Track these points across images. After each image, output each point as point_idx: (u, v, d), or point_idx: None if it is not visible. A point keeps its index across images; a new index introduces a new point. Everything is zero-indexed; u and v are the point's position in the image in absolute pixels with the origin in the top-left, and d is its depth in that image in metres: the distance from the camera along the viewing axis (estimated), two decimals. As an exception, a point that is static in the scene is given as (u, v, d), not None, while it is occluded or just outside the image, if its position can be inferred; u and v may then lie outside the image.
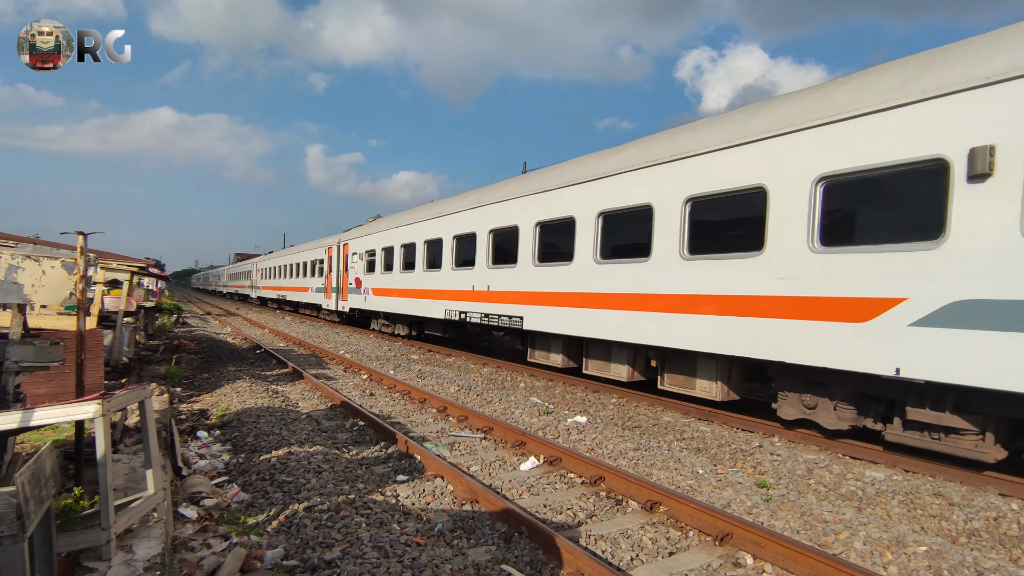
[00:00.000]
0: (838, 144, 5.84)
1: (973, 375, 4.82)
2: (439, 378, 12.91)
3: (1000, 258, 4.68)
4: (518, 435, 7.83)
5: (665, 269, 8.17)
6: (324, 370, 14.29)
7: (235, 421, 8.64)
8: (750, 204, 6.80)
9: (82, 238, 4.64)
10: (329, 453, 6.96)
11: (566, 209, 10.27)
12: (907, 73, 5.52)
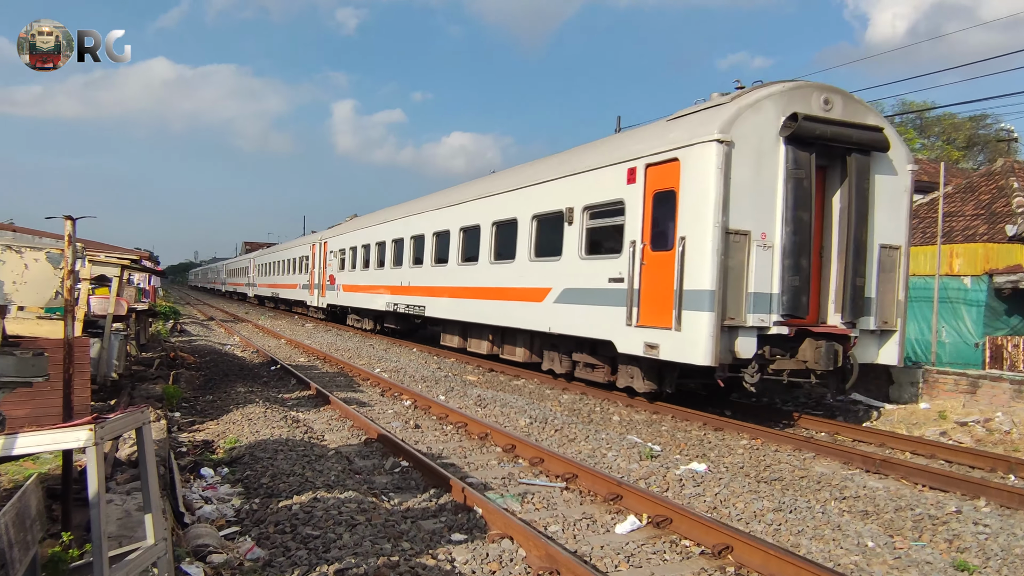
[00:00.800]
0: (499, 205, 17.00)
1: (570, 328, 13.39)
2: (505, 406, 13.06)
3: (575, 267, 13.19)
4: (612, 485, 7.81)
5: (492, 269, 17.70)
6: (356, 393, 14.78)
7: (247, 456, 9.09)
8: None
9: (70, 224, 5.02)
10: (365, 501, 7.20)
11: (447, 224, 20.32)
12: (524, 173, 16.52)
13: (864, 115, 11.94)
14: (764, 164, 11.15)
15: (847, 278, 11.62)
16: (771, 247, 11.14)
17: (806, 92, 11.60)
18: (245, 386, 15.14)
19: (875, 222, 12.00)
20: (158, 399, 12.27)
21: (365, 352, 22.73)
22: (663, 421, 12.50)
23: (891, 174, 12.23)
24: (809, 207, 11.18)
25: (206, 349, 23.22)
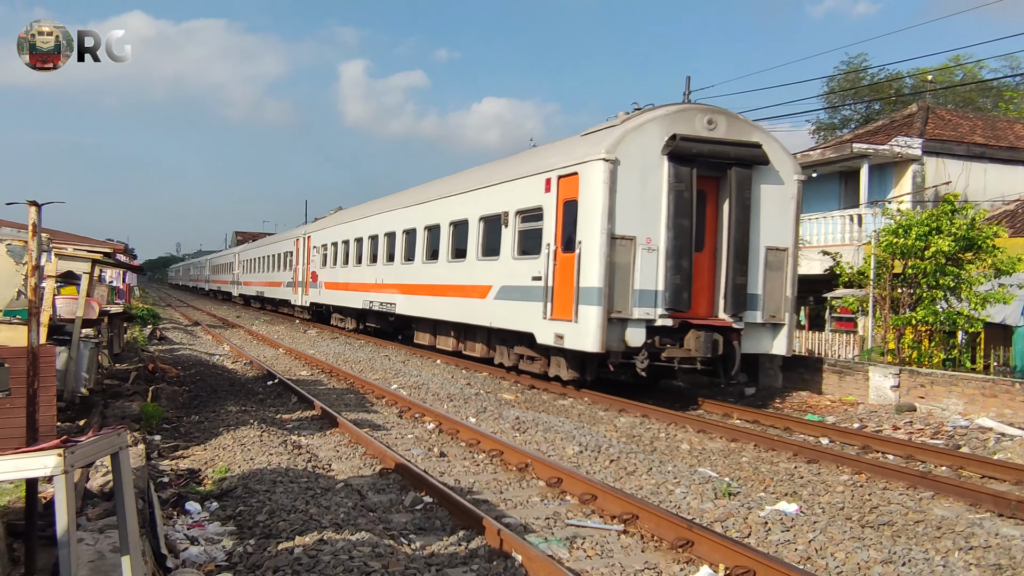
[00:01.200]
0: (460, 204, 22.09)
1: (505, 322, 17.82)
2: (549, 431, 13.05)
3: (510, 266, 17.64)
4: (681, 529, 7.74)
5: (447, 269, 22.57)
6: (369, 414, 14.91)
7: (240, 488, 9.21)
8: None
9: (35, 210, 5.12)
10: (380, 544, 7.24)
11: (414, 222, 24.50)
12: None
13: (748, 132, 15.80)
14: (649, 178, 15.07)
15: (729, 277, 15.58)
16: (655, 250, 15.04)
17: (690, 114, 15.60)
18: (237, 404, 15.37)
19: (761, 227, 15.83)
20: (135, 419, 12.51)
21: (380, 364, 22.91)
22: (743, 451, 12.40)
23: (778, 184, 16.12)
24: (690, 215, 15.04)
25: (191, 360, 23.64)
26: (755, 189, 15.86)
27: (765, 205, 16.02)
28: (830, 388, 18.20)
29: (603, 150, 15.05)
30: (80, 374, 12.64)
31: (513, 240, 18.42)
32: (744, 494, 9.55)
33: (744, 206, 15.66)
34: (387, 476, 10.21)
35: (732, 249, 15.66)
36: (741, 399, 18.26)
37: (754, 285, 15.96)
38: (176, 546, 7.30)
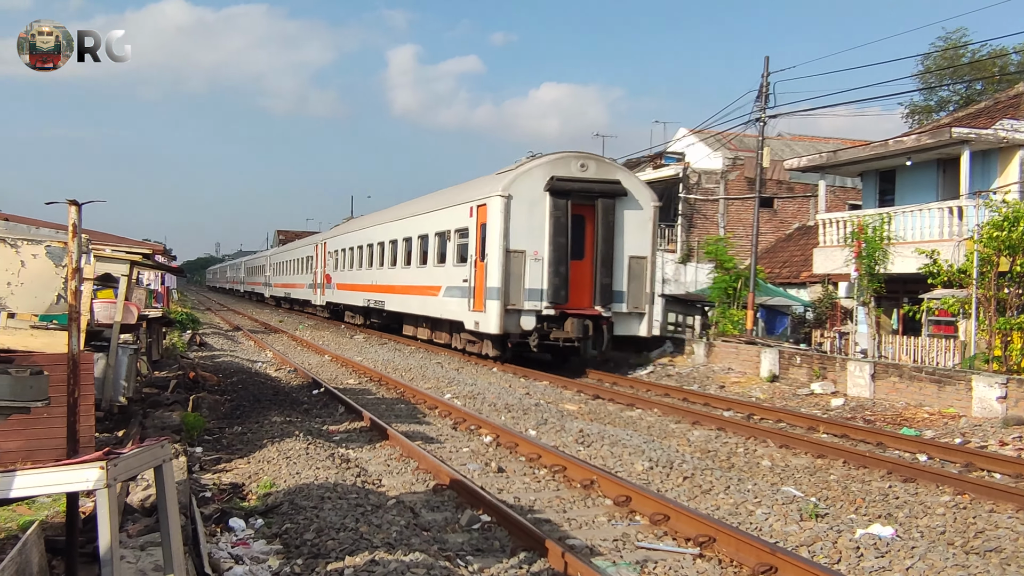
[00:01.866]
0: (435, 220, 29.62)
1: (448, 314, 26.52)
2: (615, 444, 13.00)
3: (451, 271, 26.02)
4: (763, 553, 7.64)
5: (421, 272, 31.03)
6: (421, 425, 15.01)
7: (286, 504, 9.35)
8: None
9: (75, 210, 5.27)
10: (436, 566, 7.28)
11: (395, 234, 33.10)
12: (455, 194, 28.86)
13: (611, 172, 23.80)
14: (535, 208, 22.55)
15: (599, 279, 22.87)
16: (541, 260, 22.36)
17: (568, 159, 23.30)
18: (282, 415, 15.60)
19: (625, 241, 23.18)
20: (175, 430, 12.78)
21: (431, 372, 23.07)
22: (831, 468, 12.19)
23: (637, 209, 23.45)
24: (566, 234, 22.47)
25: (232, 367, 24.09)
26: (618, 214, 23.28)
27: (627, 225, 23.41)
28: (928, 399, 17.80)
29: (500, 188, 23.08)
30: (119, 382, 12.95)
31: (453, 252, 26.67)
32: (833, 516, 9.39)
33: (609, 226, 23.10)
34: (441, 492, 10.26)
35: (600, 258, 23.10)
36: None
37: (619, 284, 23.48)
38: (220, 565, 7.43)
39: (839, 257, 25.06)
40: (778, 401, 19.63)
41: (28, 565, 3.69)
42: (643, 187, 24.35)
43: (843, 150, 28.10)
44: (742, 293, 28.26)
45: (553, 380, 21.86)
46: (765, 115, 28.28)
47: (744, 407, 17.95)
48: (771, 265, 34.55)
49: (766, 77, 28.10)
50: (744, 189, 37.35)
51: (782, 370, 22.31)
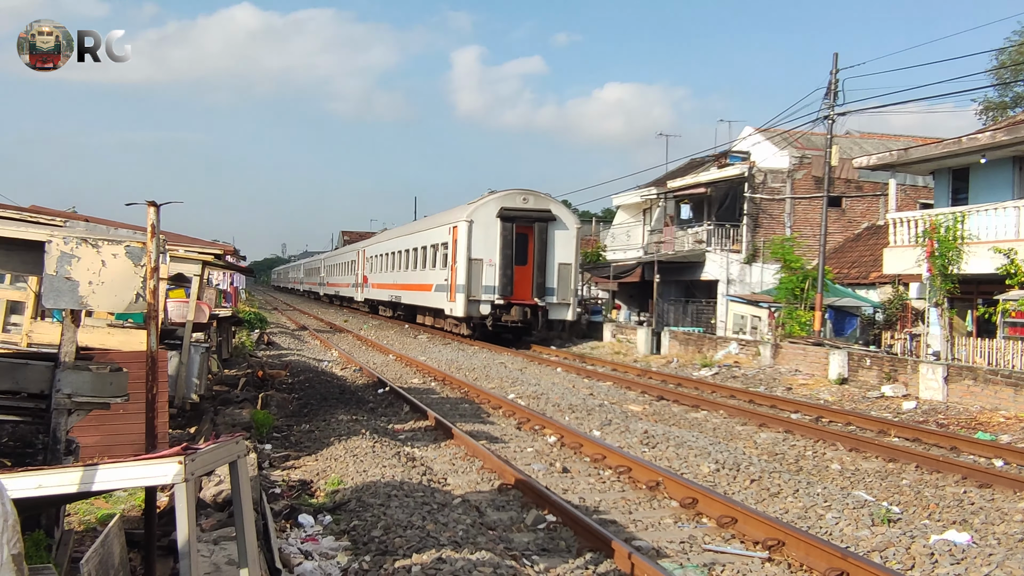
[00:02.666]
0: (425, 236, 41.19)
1: (436, 304, 36.89)
2: (681, 446, 12.91)
3: (438, 273, 36.72)
4: (834, 558, 7.52)
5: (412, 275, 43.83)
6: (485, 425, 15.07)
7: (353, 502, 9.47)
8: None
9: (154, 211, 5.41)
10: (502, 565, 7.30)
11: (407, 245, 44.21)
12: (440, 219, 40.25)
13: (546, 204, 33.17)
14: (490, 229, 32.23)
15: (535, 278, 32.19)
16: (493, 265, 31.83)
17: (514, 195, 33.09)
18: (348, 413, 15.79)
19: (556, 252, 32.58)
20: (245, 427, 13.00)
21: (495, 372, 23.15)
22: (903, 472, 11.94)
23: (564, 230, 32.89)
24: (511, 248, 32.10)
25: (299, 366, 24.44)
26: (550, 233, 32.91)
27: (557, 241, 33.03)
28: (1004, 403, 17.32)
29: (465, 216, 33.15)
30: (191, 380, 13.23)
31: (439, 259, 36.04)
32: (906, 521, 9.22)
33: (543, 242, 32.80)
34: (506, 492, 10.30)
35: (537, 264, 32.71)
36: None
37: (551, 283, 32.89)
38: (290, 560, 7.55)
39: (910, 257, 24.51)
40: (847, 404, 19.28)
41: (110, 557, 3.80)
42: (569, 214, 35.01)
43: (914, 148, 27.45)
44: (809, 294, 27.83)
45: (616, 381, 21.77)
46: (833, 113, 27.79)
47: (812, 409, 17.67)
48: (839, 265, 33.92)
49: (835, 74, 27.62)
50: (811, 188, 36.74)
51: (851, 372, 21.90)
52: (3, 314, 12.92)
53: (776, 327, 28.95)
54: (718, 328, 35.03)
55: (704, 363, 26.30)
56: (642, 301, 43.35)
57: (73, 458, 5.92)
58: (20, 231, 5.36)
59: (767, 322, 31.01)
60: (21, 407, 5.89)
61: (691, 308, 39.31)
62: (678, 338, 30.93)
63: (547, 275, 32.69)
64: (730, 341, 28.50)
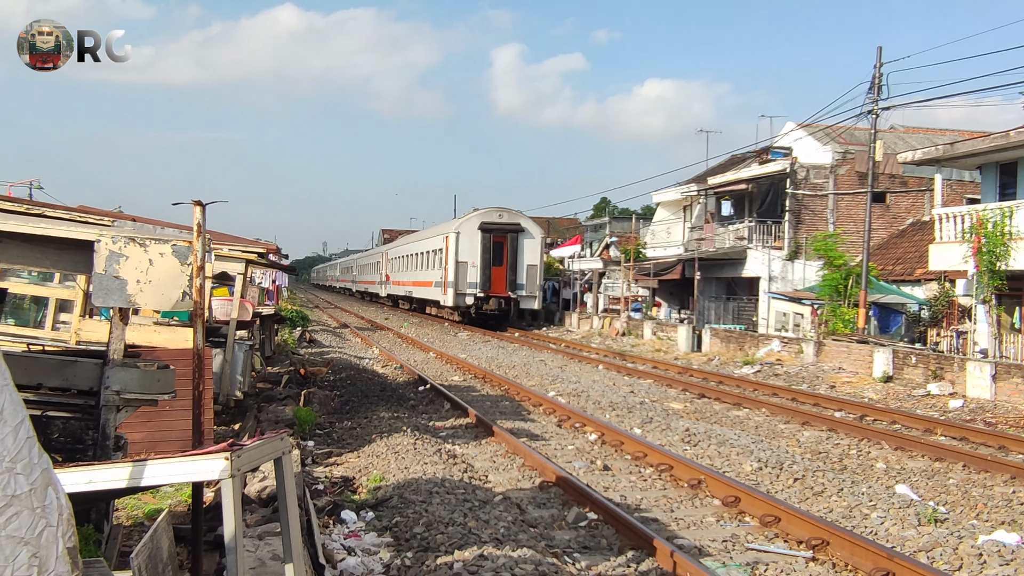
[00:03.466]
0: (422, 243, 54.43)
1: (434, 296, 46.93)
2: (723, 444, 12.84)
3: (436, 272, 46.23)
4: (879, 558, 7.43)
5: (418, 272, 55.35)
6: (525, 422, 15.09)
7: (395, 498, 9.53)
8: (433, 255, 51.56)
9: (200, 210, 5.49)
10: (543, 563, 7.31)
11: (415, 249, 55.65)
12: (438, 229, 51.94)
13: (517, 219, 43.21)
14: (473, 239, 41.95)
15: (509, 276, 41.81)
16: (476, 266, 41.53)
17: (491, 212, 43.10)
18: (389, 410, 15.90)
19: (524, 256, 42.18)
20: (288, 424, 13.14)
21: (535, 369, 23.16)
22: (950, 472, 11.77)
23: (531, 239, 42.83)
24: (490, 252, 41.71)
25: (341, 363, 24.64)
26: (520, 241, 41.47)
27: (526, 247, 41.60)
28: (1054, 401, 17.00)
29: (454, 228, 42.49)
30: (235, 377, 13.38)
31: (437, 262, 44.17)
32: (953, 521, 9.09)
33: (514, 248, 41.26)
34: (547, 490, 10.31)
35: (510, 265, 40.89)
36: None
37: (521, 280, 41.20)
38: (333, 556, 7.62)
39: (957, 253, 24.09)
40: (892, 402, 19.03)
41: (159, 551, 3.86)
42: (535, 226, 44.09)
43: (961, 142, 27.01)
44: (853, 291, 27.49)
45: (657, 379, 21.70)
46: (878, 107, 27.40)
47: (856, 408, 17.46)
48: (884, 262, 33.48)
49: (878, 68, 27.23)
50: (855, 184, 36.29)
51: (896, 370, 21.60)
52: (53, 312, 13.16)
53: (819, 324, 28.62)
54: (760, 325, 34.75)
55: (746, 361, 26.10)
56: (682, 298, 43.17)
57: (122, 454, 6.02)
58: (71, 231, 5.46)
59: (810, 319, 30.69)
60: (71, 403, 6.00)
61: (732, 305, 39.06)
62: (719, 335, 30.71)
63: (518, 274, 41.90)
64: (772, 339, 28.25)
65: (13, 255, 5.73)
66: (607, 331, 38.53)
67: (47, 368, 5.89)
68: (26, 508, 2.27)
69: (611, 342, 34.97)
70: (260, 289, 26.68)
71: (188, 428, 7.96)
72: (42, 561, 2.30)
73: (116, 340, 5.57)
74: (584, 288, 51.17)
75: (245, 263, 13.91)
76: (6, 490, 2.25)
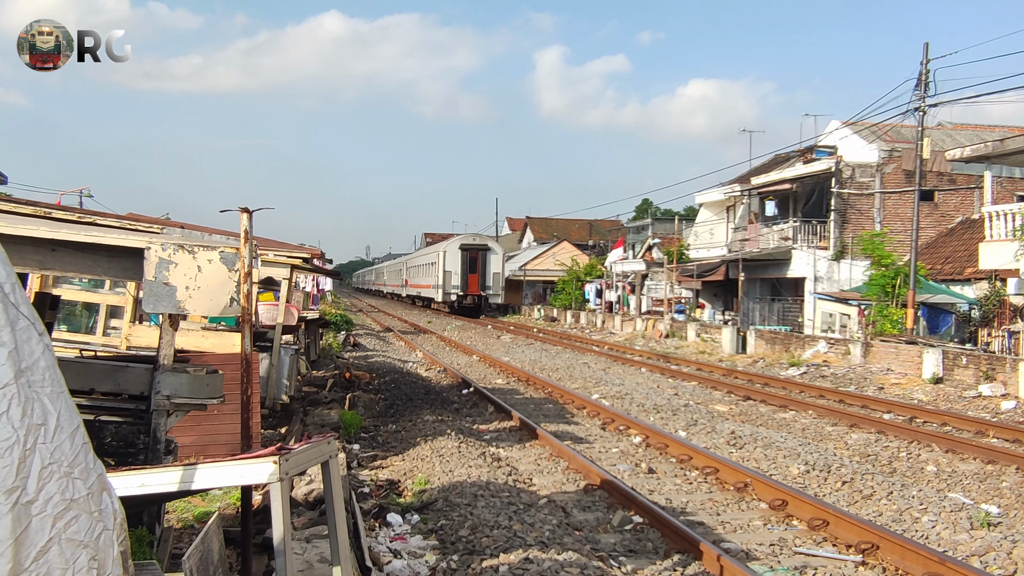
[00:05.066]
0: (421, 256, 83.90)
1: (432, 295, 70.97)
2: (769, 447, 12.73)
3: (434, 277, 67.19)
4: (931, 562, 7.32)
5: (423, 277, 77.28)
6: (569, 425, 15.08)
7: (440, 501, 9.58)
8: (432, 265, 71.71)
9: (247, 217, 5.57)
10: (589, 566, 7.31)
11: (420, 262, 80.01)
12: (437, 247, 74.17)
13: (485, 241, 65.88)
14: (457, 255, 62.41)
15: (482, 279, 62.29)
16: (458, 274, 61.50)
17: (468, 236, 67.92)
18: (433, 413, 15.97)
19: (491, 266, 62.51)
20: (334, 427, 13.27)
21: (578, 372, 23.13)
22: (1003, 475, 11.55)
23: (496, 255, 63.60)
24: (468, 265, 61.95)
25: (385, 367, 24.81)
26: (488, 256, 61.55)
27: (491, 261, 61.46)
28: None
29: (443, 248, 63.76)
30: (281, 381, 13.53)
31: (433, 271, 63.76)
32: (1007, 525, 8.94)
33: (484, 261, 61.34)
34: (592, 493, 10.29)
35: (481, 272, 60.79)
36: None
37: (489, 283, 61.11)
38: (380, 559, 7.67)
39: (1008, 251, 23.66)
40: (942, 404, 18.71)
41: (210, 553, 3.92)
42: (497, 246, 63.90)
43: (1011, 138, 26.51)
44: (901, 291, 27.10)
45: (702, 381, 21.56)
46: (925, 104, 26.98)
47: (905, 410, 17.20)
48: (932, 261, 32.95)
49: (925, 64, 26.82)
50: (902, 182, 35.77)
51: (946, 371, 21.24)
52: (104, 318, 13.42)
53: (866, 325, 28.24)
54: (805, 327, 34.37)
55: (792, 362, 25.83)
56: (727, 300, 42.82)
57: (172, 457, 6.11)
58: (122, 239, 5.56)
59: (857, 320, 30.29)
60: (123, 408, 6.11)
61: (777, 306, 38.68)
62: (764, 337, 30.43)
63: (486, 279, 60.90)
64: (818, 340, 27.93)
65: (67, 263, 5.85)
66: (650, 333, 38.36)
67: (99, 373, 6.01)
68: (84, 512, 2.33)
69: (654, 344, 34.78)
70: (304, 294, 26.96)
71: (236, 432, 8.07)
72: (100, 564, 2.35)
73: (166, 346, 5.66)
74: (627, 290, 51.00)
75: (290, 268, 14.05)
76: (65, 494, 2.30)
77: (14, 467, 2.17)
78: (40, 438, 2.28)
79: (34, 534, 2.20)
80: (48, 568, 2.22)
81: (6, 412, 2.19)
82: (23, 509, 2.17)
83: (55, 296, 9.74)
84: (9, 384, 2.22)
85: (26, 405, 2.25)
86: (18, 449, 2.19)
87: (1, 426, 2.16)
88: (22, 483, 2.19)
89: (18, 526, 2.15)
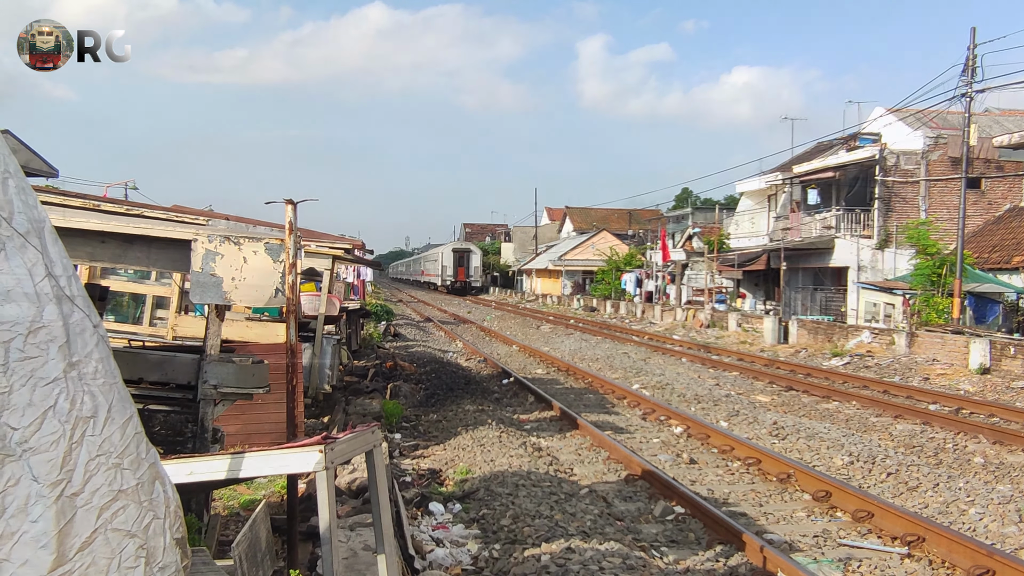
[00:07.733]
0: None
1: (438, 281, 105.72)
2: (812, 437, 12.60)
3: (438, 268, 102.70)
4: (979, 555, 7.20)
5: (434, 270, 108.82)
6: (610, 416, 15.03)
7: (482, 491, 9.59)
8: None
9: (292, 208, 5.60)
10: (631, 556, 7.28)
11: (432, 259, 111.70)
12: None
13: (468, 246, 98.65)
14: (451, 255, 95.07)
15: (468, 271, 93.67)
16: (449, 267, 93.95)
17: (459, 243, 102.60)
18: (474, 403, 16.01)
19: (472, 263, 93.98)
20: (376, 417, 13.36)
21: (618, 362, 23.05)
22: (1052, 467, 11.32)
23: (475, 254, 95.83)
24: (457, 261, 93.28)
25: (425, 357, 24.90)
26: (471, 257, 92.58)
27: (472, 258, 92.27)
28: None
29: (441, 251, 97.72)
30: (324, 371, 13.62)
31: (435, 265, 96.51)
32: (1057, 518, 8.74)
33: (467, 259, 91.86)
34: (633, 483, 10.26)
35: (468, 266, 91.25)
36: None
37: (471, 273, 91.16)
38: (422, 547, 7.71)
39: (1057, 240, 23.19)
40: (990, 394, 18.37)
41: (257, 541, 3.95)
42: (477, 248, 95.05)
43: (1061, 124, 25.90)
44: (947, 280, 26.66)
45: (743, 371, 21.39)
46: (971, 90, 26.44)
47: (951, 400, 16.91)
48: (979, 250, 32.34)
49: (972, 49, 26.27)
50: (947, 169, 35.12)
51: (994, 361, 20.85)
52: (150, 309, 13.59)
53: (911, 315, 27.81)
54: (848, 316, 33.93)
55: (834, 352, 25.52)
56: (768, 289, 42.44)
57: (219, 446, 6.19)
58: (169, 231, 5.63)
59: (901, 310, 29.81)
60: (171, 397, 6.19)
61: (819, 296, 38.23)
62: (806, 327, 30.09)
63: (469, 270, 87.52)
64: (862, 330, 27.55)
65: (115, 254, 5.93)
66: (691, 323, 38.12)
67: (148, 363, 6.09)
68: (133, 502, 2.35)
69: (695, 334, 34.55)
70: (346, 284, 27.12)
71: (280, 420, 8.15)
72: (149, 552, 2.37)
73: (213, 336, 5.72)
74: (667, 280, 50.71)
75: (332, 259, 14.15)
76: (112, 485, 2.32)
77: (59, 460, 2.20)
78: (89, 430, 2.30)
79: (79, 525, 2.22)
80: (93, 558, 2.24)
81: (53, 407, 2.22)
82: (68, 501, 2.20)
83: (104, 287, 9.88)
84: (59, 379, 2.24)
85: (75, 398, 2.28)
86: (64, 443, 2.21)
87: (47, 421, 2.18)
88: (67, 476, 2.21)
89: (62, 518, 2.17)
